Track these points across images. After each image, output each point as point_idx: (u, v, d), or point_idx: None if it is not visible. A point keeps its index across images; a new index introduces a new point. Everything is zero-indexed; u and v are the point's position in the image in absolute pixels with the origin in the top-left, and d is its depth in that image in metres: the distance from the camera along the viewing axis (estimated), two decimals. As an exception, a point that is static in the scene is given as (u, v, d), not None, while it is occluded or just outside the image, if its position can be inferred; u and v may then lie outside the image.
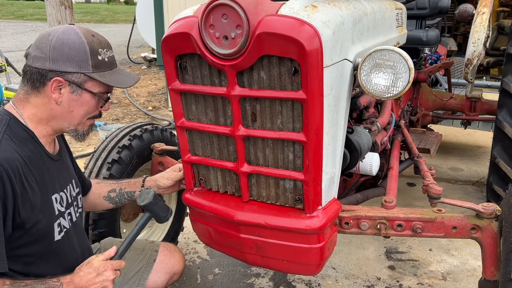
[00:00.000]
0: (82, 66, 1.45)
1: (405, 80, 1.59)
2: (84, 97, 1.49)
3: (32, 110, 1.46)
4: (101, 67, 1.49)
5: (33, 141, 1.46)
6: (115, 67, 1.58)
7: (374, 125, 2.32)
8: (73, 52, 1.43)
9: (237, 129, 1.64)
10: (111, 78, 1.51)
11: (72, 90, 1.46)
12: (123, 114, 6.82)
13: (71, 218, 1.62)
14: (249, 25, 1.45)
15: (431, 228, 1.81)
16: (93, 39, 1.48)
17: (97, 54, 1.48)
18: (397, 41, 2.43)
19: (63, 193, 1.58)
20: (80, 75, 1.45)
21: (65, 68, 1.43)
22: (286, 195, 1.72)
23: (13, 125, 1.42)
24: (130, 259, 1.86)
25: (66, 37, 1.44)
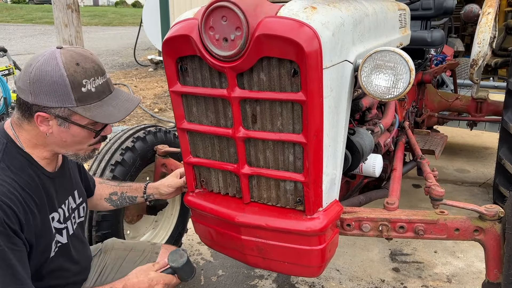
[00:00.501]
0: (64, 101, 1.35)
1: (405, 81, 1.58)
2: (73, 129, 1.41)
3: (26, 135, 1.43)
4: (86, 99, 1.38)
5: (31, 164, 1.44)
6: (107, 94, 1.45)
7: (377, 127, 2.31)
8: (52, 87, 1.33)
9: (237, 130, 1.65)
10: (98, 111, 1.40)
11: (59, 123, 1.39)
12: (129, 116, 6.85)
13: (68, 232, 1.62)
14: (248, 27, 1.45)
15: (433, 230, 1.80)
16: (77, 69, 1.35)
17: (81, 86, 1.36)
18: (400, 42, 2.42)
19: (61, 209, 1.57)
20: (64, 109, 1.36)
21: (47, 103, 1.35)
22: (287, 197, 1.72)
23: (10, 150, 1.40)
24: (130, 260, 1.87)
25: (45, 69, 1.33)
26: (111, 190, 1.96)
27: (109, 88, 1.47)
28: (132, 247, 1.94)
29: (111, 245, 1.94)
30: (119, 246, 1.95)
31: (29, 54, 12.75)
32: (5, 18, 24.37)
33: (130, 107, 1.49)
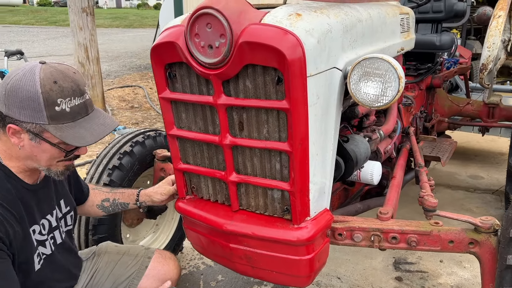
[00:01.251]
0: (36, 117, 1.34)
1: (394, 89, 1.54)
2: (44, 145, 1.39)
3: (2, 146, 1.43)
4: (59, 118, 1.36)
5: (9, 178, 1.43)
6: (82, 116, 1.42)
7: (375, 133, 2.27)
8: (26, 102, 1.32)
9: (224, 138, 1.63)
10: (69, 132, 1.37)
11: (30, 137, 1.38)
12: (143, 118, 6.93)
13: (55, 241, 1.62)
14: (232, 34, 1.43)
15: (426, 242, 1.75)
16: (53, 87, 1.33)
17: (54, 105, 1.34)
18: (402, 47, 2.37)
19: (45, 220, 1.57)
20: (35, 125, 1.35)
21: (19, 116, 1.34)
22: (274, 205, 1.70)
23: None
24: (123, 264, 1.88)
25: (21, 83, 1.32)
26: (103, 196, 1.97)
27: (86, 110, 1.44)
28: (125, 251, 1.95)
29: (104, 249, 1.96)
30: (112, 249, 1.96)
31: (50, 56, 13.04)
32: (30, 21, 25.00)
33: (104, 131, 1.45)
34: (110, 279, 1.87)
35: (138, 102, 7.84)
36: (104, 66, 10.96)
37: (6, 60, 5.89)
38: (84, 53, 6.01)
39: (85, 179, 2.33)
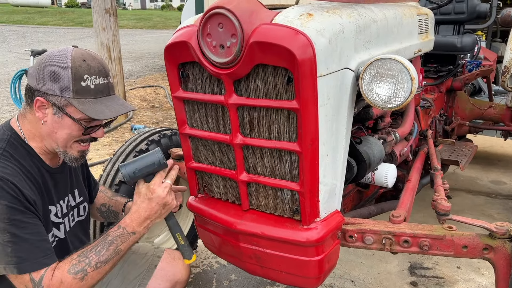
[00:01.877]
0: (63, 90, 1.43)
1: (407, 91, 1.52)
2: (65, 120, 1.47)
3: (28, 126, 1.52)
4: (83, 93, 1.46)
5: (31, 156, 1.51)
6: (104, 95, 1.51)
7: (390, 135, 2.24)
8: (55, 75, 1.43)
9: (235, 137, 1.64)
10: (90, 106, 1.46)
11: (54, 111, 1.47)
12: (163, 118, 7.01)
13: (65, 228, 1.67)
14: (243, 34, 1.44)
15: (439, 246, 1.72)
16: (82, 64, 1.45)
17: (80, 80, 1.44)
18: (419, 48, 2.33)
19: (59, 204, 1.63)
20: (61, 98, 1.45)
21: (47, 89, 1.44)
22: (284, 206, 1.69)
23: (14, 141, 1.49)
24: (132, 262, 1.90)
25: (54, 59, 1.44)
26: (103, 201, 1.98)
27: (108, 91, 1.54)
28: (134, 250, 1.96)
29: None
30: None
31: (75, 56, 13.30)
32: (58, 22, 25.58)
33: (122, 110, 1.53)
34: (119, 278, 1.88)
35: (159, 102, 7.94)
36: (127, 66, 11.15)
37: (32, 59, 6.05)
38: (107, 53, 6.11)
39: (101, 176, 2.37)
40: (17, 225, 1.36)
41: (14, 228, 1.35)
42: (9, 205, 1.35)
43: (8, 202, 1.35)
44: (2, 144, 1.46)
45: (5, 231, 1.34)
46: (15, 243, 1.35)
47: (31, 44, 15.89)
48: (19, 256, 1.35)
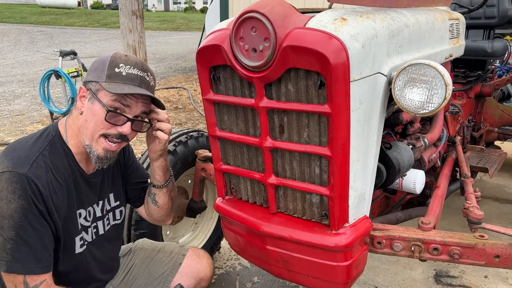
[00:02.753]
0: (99, 76, 1.52)
1: (441, 96, 1.50)
2: (95, 106, 1.51)
3: (71, 122, 1.58)
4: (114, 78, 1.51)
5: (69, 158, 1.56)
6: (133, 84, 1.53)
7: (419, 141, 2.21)
8: (97, 64, 1.55)
9: (264, 140, 1.65)
10: (114, 86, 1.50)
11: (89, 98, 1.53)
12: (186, 119, 7.08)
13: (97, 231, 1.70)
14: (276, 38, 1.45)
15: (470, 255, 1.69)
16: (122, 56, 1.56)
17: (115, 67, 1.52)
18: (450, 54, 2.30)
19: (91, 208, 1.66)
20: (96, 83, 1.52)
21: (89, 77, 1.55)
22: (313, 210, 1.69)
23: (56, 142, 1.54)
24: (157, 261, 1.93)
25: (103, 54, 1.58)
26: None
27: (139, 82, 1.55)
28: (160, 248, 2.00)
29: (140, 245, 2.02)
30: (148, 246, 2.02)
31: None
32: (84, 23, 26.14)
33: (141, 91, 1.53)
34: (144, 275, 1.92)
35: (182, 103, 8.02)
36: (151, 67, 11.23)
37: (60, 60, 6.20)
38: (133, 54, 6.21)
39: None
40: (25, 227, 1.38)
41: (21, 229, 1.38)
42: (25, 206, 1.38)
43: (26, 203, 1.38)
44: (44, 143, 1.51)
45: (12, 229, 1.37)
46: (17, 243, 1.38)
47: (58, 44, 16.27)
48: (13, 256, 1.38)
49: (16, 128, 6.32)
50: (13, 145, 1.52)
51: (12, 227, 1.37)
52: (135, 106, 1.55)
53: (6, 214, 1.36)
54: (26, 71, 11.09)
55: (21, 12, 28.53)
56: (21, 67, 11.81)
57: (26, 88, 9.08)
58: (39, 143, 1.51)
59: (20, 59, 13.21)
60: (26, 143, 1.51)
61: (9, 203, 1.36)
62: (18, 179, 1.38)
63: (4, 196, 1.36)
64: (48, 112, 6.53)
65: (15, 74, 10.69)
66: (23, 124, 6.55)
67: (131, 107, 1.54)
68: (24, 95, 8.49)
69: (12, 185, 1.37)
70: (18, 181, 1.38)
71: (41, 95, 6.23)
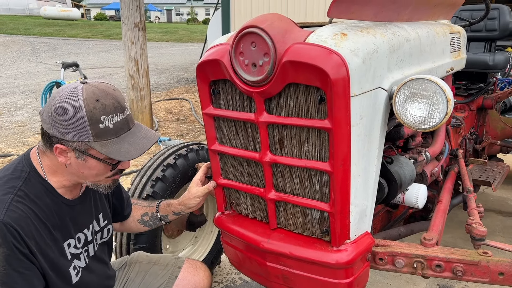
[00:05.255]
0: (82, 136, 1.39)
1: (442, 112, 1.49)
2: (90, 162, 1.44)
3: (48, 162, 1.49)
4: (104, 135, 1.41)
5: (49, 193, 1.48)
6: (125, 131, 1.47)
7: (421, 155, 2.19)
8: (71, 121, 1.38)
9: (264, 155, 1.64)
10: (113, 148, 1.43)
11: (76, 155, 1.43)
12: (188, 130, 7.08)
13: (88, 254, 1.66)
14: (276, 53, 1.44)
15: (474, 272, 1.66)
16: (96, 105, 1.39)
17: (98, 123, 1.39)
18: (451, 67, 2.29)
19: (81, 234, 1.62)
20: (81, 143, 1.40)
21: (65, 136, 1.40)
22: (313, 226, 1.67)
23: (32, 179, 1.46)
24: (152, 274, 1.90)
25: (66, 103, 1.38)
26: (143, 211, 1.98)
27: (128, 125, 1.49)
28: (155, 261, 1.97)
29: (136, 258, 1.99)
30: (143, 259, 1.99)
31: (103, 67, 13.65)
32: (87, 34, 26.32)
33: (146, 145, 1.50)
34: None
35: (183, 115, 8.03)
36: (153, 78, 11.34)
37: (62, 71, 6.23)
38: (135, 66, 6.23)
39: (129, 189, 2.39)
40: (10, 275, 1.33)
41: (6, 277, 1.32)
42: (8, 253, 1.32)
43: (7, 250, 1.31)
44: (18, 182, 1.43)
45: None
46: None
47: (61, 55, 16.37)
48: None
49: (18, 140, 6.32)
50: None
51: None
52: None
53: None
54: (29, 82, 11.14)
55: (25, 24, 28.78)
56: (24, 78, 11.87)
57: (28, 99, 9.12)
58: (13, 183, 1.42)
59: (23, 70, 13.28)
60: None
61: None
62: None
63: None
64: (49, 123, 6.53)
65: (18, 85, 10.73)
66: (24, 135, 6.55)
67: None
68: (26, 106, 8.51)
69: None
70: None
71: (42, 106, 6.24)
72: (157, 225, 2.01)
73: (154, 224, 2.00)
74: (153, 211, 1.97)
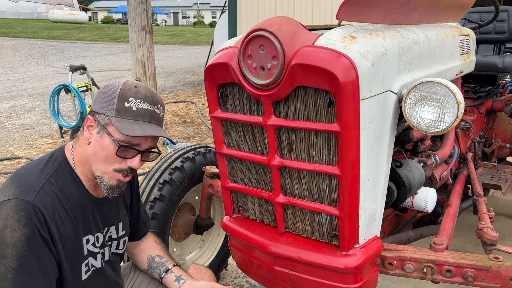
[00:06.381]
0: (108, 109, 1.47)
1: (453, 115, 1.48)
2: (104, 140, 1.47)
3: (78, 149, 1.55)
4: (124, 113, 1.47)
5: (77, 185, 1.53)
6: (144, 120, 1.50)
7: (430, 159, 2.17)
8: (105, 95, 1.49)
9: (272, 158, 1.63)
10: (125, 125, 1.45)
11: (97, 130, 1.49)
12: (194, 133, 7.09)
13: (103, 257, 1.66)
14: (284, 56, 1.44)
15: (485, 277, 1.64)
16: (132, 88, 1.49)
17: (125, 101, 1.47)
18: (461, 70, 2.27)
19: (100, 234, 1.62)
20: (105, 117, 1.47)
21: (97, 108, 1.50)
22: (322, 230, 1.66)
23: (62, 169, 1.51)
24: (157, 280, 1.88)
25: (112, 83, 1.52)
26: (162, 253, 1.89)
27: (149, 117, 1.52)
28: None
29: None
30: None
31: (110, 70, 13.72)
32: (94, 37, 26.50)
33: (153, 132, 1.51)
34: None
35: (190, 117, 8.04)
36: (160, 81, 11.38)
37: (70, 74, 6.26)
38: (142, 69, 6.26)
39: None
40: (28, 257, 1.35)
41: (24, 258, 1.34)
42: (30, 235, 1.34)
43: (31, 232, 1.35)
44: (51, 170, 1.49)
45: (15, 258, 1.34)
46: (18, 272, 1.34)
47: (68, 59, 16.48)
48: (14, 286, 1.34)
49: (26, 142, 6.36)
50: (19, 171, 1.50)
51: (15, 256, 1.33)
52: (144, 143, 1.53)
53: (10, 242, 1.33)
54: (37, 85, 11.23)
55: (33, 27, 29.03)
56: (32, 81, 11.96)
57: (36, 102, 9.18)
58: (46, 170, 1.48)
59: (31, 73, 13.39)
60: (33, 170, 1.48)
61: (14, 231, 1.33)
62: (24, 207, 1.35)
63: (9, 224, 1.33)
64: (57, 126, 6.58)
65: (26, 88, 10.82)
66: (32, 138, 6.59)
67: (141, 145, 1.52)
68: (34, 109, 8.57)
69: (18, 213, 1.34)
70: (24, 209, 1.35)
71: (50, 109, 6.28)
72: (153, 274, 1.85)
73: (153, 272, 1.85)
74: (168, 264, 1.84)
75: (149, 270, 1.86)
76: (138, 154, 1.52)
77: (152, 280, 1.87)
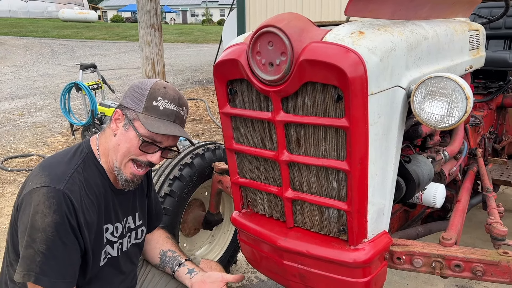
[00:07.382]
0: (136, 105, 1.56)
1: (461, 110, 1.48)
2: (129, 133, 1.56)
3: (103, 140, 1.63)
4: (151, 111, 1.56)
5: (101, 176, 1.61)
6: (169, 120, 1.58)
7: (439, 154, 2.17)
8: (136, 92, 1.59)
9: (281, 154, 1.64)
10: (151, 122, 1.54)
11: (124, 124, 1.57)
12: (203, 131, 7.12)
13: (122, 248, 1.72)
14: (293, 52, 1.45)
15: (494, 272, 1.64)
16: (161, 89, 1.58)
17: (153, 100, 1.56)
18: (470, 65, 2.26)
19: (119, 223, 1.69)
20: (133, 112, 1.56)
21: (126, 103, 1.59)
22: (330, 225, 1.67)
23: (88, 160, 1.59)
24: (168, 275, 1.91)
25: (142, 81, 1.62)
26: (173, 247, 1.93)
27: (174, 118, 1.61)
28: None
29: None
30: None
31: (120, 68, 13.81)
32: (104, 36, 26.68)
33: (177, 132, 1.59)
34: None
35: (199, 115, 8.08)
36: (169, 79, 11.43)
37: (81, 72, 6.32)
38: (151, 67, 6.30)
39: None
40: (56, 242, 1.41)
41: (52, 243, 1.41)
42: (59, 221, 1.41)
43: (60, 218, 1.41)
44: (78, 161, 1.57)
45: (44, 242, 1.40)
46: (46, 256, 1.40)
47: (79, 57, 16.62)
48: (42, 269, 1.40)
49: (38, 140, 6.45)
50: (49, 161, 1.57)
51: (44, 240, 1.40)
52: (165, 141, 1.61)
53: (40, 227, 1.39)
54: (48, 84, 11.34)
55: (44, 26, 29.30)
56: (43, 79, 12.09)
57: (47, 100, 9.28)
58: (74, 160, 1.56)
59: (42, 72, 13.52)
60: (62, 160, 1.56)
61: (44, 217, 1.40)
62: (54, 194, 1.42)
63: (40, 210, 1.40)
64: (68, 124, 6.65)
65: (38, 87, 10.94)
66: (44, 135, 6.67)
67: (163, 142, 1.60)
68: (45, 107, 8.67)
69: (49, 200, 1.41)
70: (55, 196, 1.41)
71: (62, 107, 6.35)
72: (165, 268, 1.89)
73: (165, 266, 1.89)
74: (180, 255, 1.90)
75: (161, 265, 1.90)
76: (159, 150, 1.60)
77: (164, 274, 1.90)
